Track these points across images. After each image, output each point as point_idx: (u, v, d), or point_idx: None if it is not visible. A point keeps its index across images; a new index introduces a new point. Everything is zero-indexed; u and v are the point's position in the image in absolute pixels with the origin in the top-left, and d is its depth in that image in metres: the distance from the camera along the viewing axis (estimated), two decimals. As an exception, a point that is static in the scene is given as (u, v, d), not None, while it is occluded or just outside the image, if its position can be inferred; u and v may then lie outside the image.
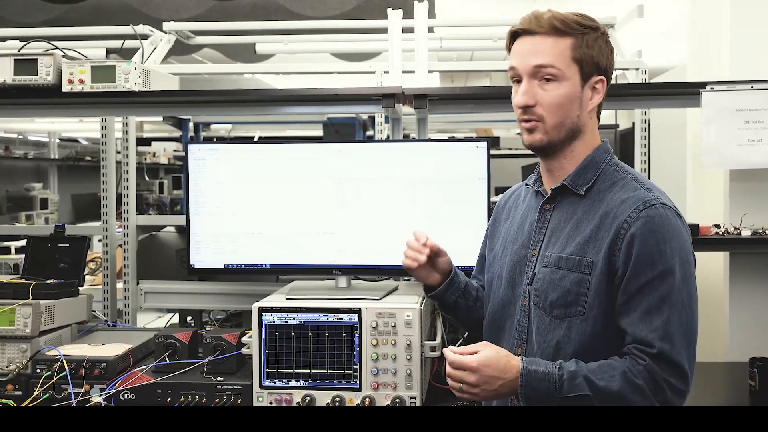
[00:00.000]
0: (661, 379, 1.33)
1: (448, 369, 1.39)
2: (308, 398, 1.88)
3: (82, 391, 1.93)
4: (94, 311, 2.50)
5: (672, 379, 1.33)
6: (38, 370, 1.98)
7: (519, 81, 1.47)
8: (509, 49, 1.51)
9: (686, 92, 2.28)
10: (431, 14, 3.15)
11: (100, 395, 1.92)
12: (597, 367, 1.36)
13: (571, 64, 1.44)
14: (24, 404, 1.93)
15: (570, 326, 1.42)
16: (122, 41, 2.73)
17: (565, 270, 1.43)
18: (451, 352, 1.38)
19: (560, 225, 1.49)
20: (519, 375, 1.36)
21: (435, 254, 1.64)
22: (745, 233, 2.27)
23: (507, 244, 1.61)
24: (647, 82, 2.67)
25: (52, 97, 2.25)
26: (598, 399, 1.33)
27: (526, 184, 1.65)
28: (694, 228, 2.22)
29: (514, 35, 1.49)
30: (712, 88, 2.20)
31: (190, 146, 2.23)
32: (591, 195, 1.47)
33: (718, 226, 2.34)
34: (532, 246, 1.53)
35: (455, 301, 1.69)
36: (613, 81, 1.55)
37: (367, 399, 1.86)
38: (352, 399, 1.88)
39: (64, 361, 1.96)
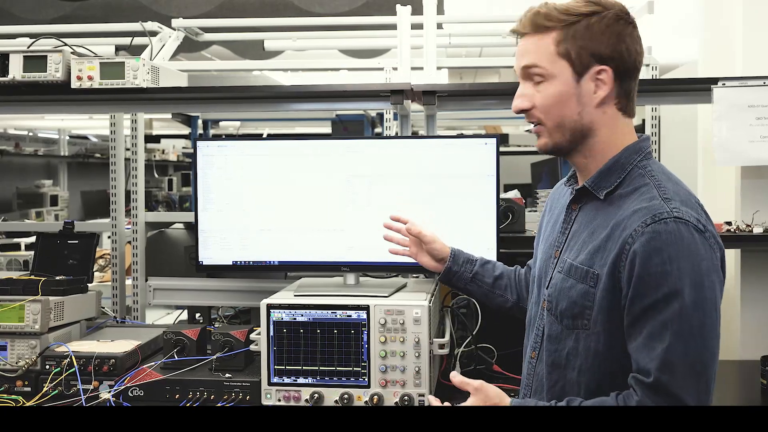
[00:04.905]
0: None
1: None
2: (316, 395, 1.88)
3: (91, 387, 1.94)
4: (103, 308, 2.51)
5: None
6: (47, 367, 1.98)
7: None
8: None
9: (697, 88, 2.27)
10: (440, 10, 3.14)
11: (109, 391, 1.92)
12: (590, 405, 1.29)
13: (557, 59, 1.34)
14: (33, 400, 1.94)
15: (578, 339, 1.35)
16: (131, 38, 2.73)
17: (574, 279, 1.36)
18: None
19: (580, 229, 1.42)
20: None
21: (427, 241, 1.73)
22: (757, 230, 2.25)
23: (541, 241, 1.57)
24: (658, 78, 2.65)
25: (61, 94, 2.25)
26: None
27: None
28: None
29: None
30: (724, 84, 2.18)
31: (199, 143, 2.23)
32: (612, 200, 1.36)
33: (729, 224, 2.31)
34: (556, 247, 1.47)
35: (465, 288, 1.75)
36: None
37: (375, 396, 1.86)
38: (361, 396, 1.87)
39: (73, 357, 1.97)
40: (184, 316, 3.00)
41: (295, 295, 1.98)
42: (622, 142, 1.39)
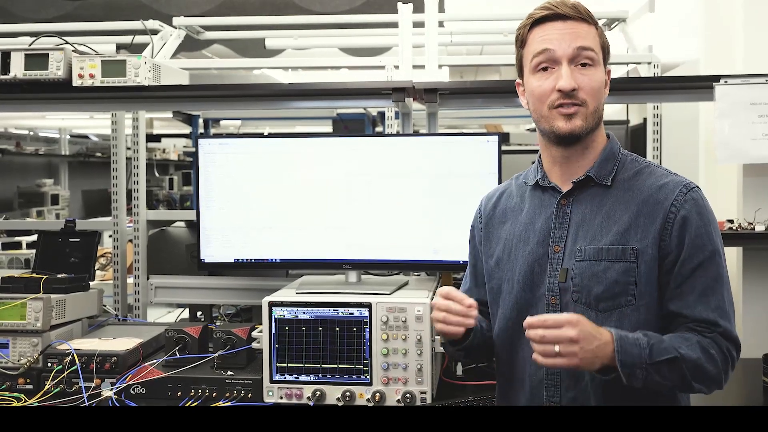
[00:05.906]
0: (726, 350, 1.36)
1: (536, 332, 1.28)
2: (318, 393, 1.88)
3: (93, 385, 1.94)
4: (105, 306, 2.51)
5: (734, 352, 1.38)
6: (49, 364, 1.98)
7: (546, 69, 1.43)
8: (525, 39, 1.47)
9: (699, 86, 2.26)
10: (441, 8, 3.13)
11: (111, 389, 1.92)
12: (673, 337, 1.36)
13: (600, 50, 1.45)
14: (35, 398, 1.94)
15: (621, 317, 1.39)
16: (132, 37, 2.73)
17: (608, 261, 1.40)
18: (534, 318, 1.29)
19: (587, 218, 1.45)
20: (613, 339, 1.30)
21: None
22: (759, 228, 2.25)
23: (515, 246, 1.53)
24: (660, 76, 2.65)
25: (62, 92, 2.25)
26: (684, 364, 1.32)
27: (525, 183, 1.58)
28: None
29: (539, 21, 1.44)
30: (726, 82, 2.18)
31: (200, 140, 2.24)
32: (616, 185, 1.46)
33: (731, 221, 2.31)
34: (554, 243, 1.47)
35: (478, 344, 1.55)
36: (624, 75, 1.53)
37: (377, 394, 1.86)
38: (363, 394, 1.87)
39: (74, 355, 1.97)
40: (186, 314, 3.00)
41: (296, 293, 1.98)
42: (604, 135, 1.52)
